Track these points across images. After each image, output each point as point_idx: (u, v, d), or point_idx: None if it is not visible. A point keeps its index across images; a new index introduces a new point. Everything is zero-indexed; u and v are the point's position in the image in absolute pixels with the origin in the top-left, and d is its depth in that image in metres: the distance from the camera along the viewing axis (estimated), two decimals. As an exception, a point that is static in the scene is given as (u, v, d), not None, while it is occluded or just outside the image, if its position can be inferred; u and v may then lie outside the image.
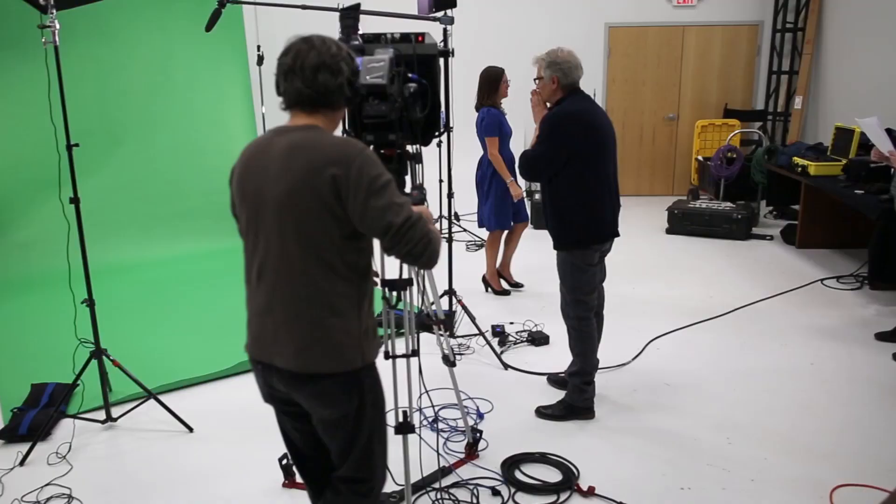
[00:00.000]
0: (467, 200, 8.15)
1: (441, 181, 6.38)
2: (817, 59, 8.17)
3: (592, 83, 8.68)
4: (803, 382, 4.08)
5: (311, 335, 2.02)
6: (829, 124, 7.82)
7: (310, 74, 1.98)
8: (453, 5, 4.08)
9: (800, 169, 6.37)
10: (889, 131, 6.41)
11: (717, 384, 4.06)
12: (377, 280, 2.50)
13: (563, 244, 3.53)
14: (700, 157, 8.25)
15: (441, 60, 2.86)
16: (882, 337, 4.62)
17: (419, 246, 1.97)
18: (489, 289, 5.62)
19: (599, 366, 3.75)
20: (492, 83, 5.24)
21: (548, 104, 3.54)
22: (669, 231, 7.24)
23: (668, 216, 7.24)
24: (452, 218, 7.08)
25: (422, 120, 2.54)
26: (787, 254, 6.51)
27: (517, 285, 5.65)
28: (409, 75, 2.54)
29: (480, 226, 5.59)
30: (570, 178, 3.41)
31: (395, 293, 2.69)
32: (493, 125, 5.18)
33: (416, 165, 2.76)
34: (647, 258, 6.46)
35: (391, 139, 2.49)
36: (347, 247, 2.01)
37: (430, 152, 3.84)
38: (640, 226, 7.56)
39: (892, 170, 5.50)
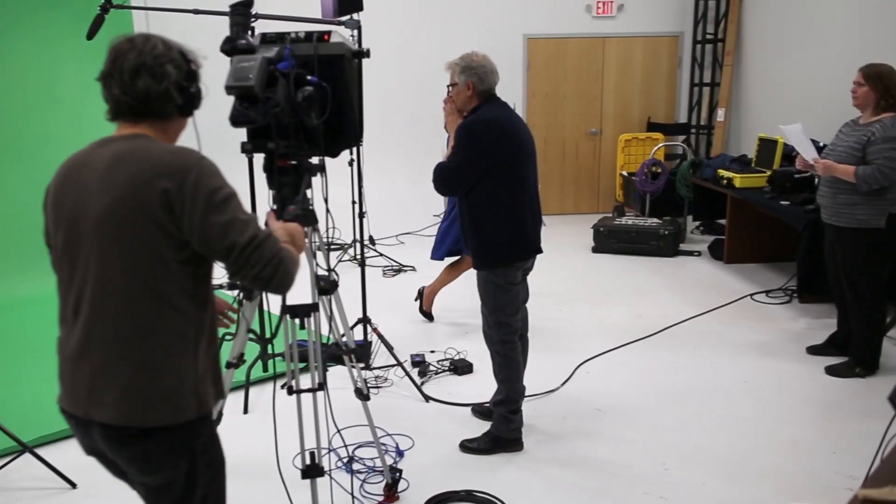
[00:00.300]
0: (384, 222, 8.05)
1: (354, 202, 6.26)
2: (738, 71, 8.51)
3: (512, 97, 8.72)
4: (738, 401, 4.14)
5: (135, 381, 1.81)
6: (753, 136, 8.12)
7: (128, 79, 1.82)
8: (359, 8, 4.01)
9: (725, 182, 6.57)
10: (813, 142, 6.72)
11: (650, 407, 4.07)
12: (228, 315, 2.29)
13: (484, 262, 3.47)
14: (625, 173, 8.44)
15: (354, 63, 2.76)
16: (814, 351, 4.75)
17: (268, 268, 1.80)
18: (419, 302, 5.54)
19: (526, 393, 3.70)
20: None
21: (463, 112, 3.50)
22: (596, 249, 7.33)
23: (593, 234, 7.34)
24: (367, 242, 6.97)
25: (320, 127, 2.43)
26: (716, 269, 6.68)
27: (429, 315, 5.58)
28: (308, 77, 2.44)
29: (442, 257, 5.41)
30: (488, 191, 3.36)
31: (297, 320, 2.57)
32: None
33: (322, 179, 2.66)
34: (573, 278, 6.51)
35: (270, 147, 2.38)
36: (183, 273, 1.84)
37: (338, 167, 3.73)
38: (564, 245, 7.63)
39: (816, 179, 5.72)
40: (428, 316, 5.50)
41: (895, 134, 4.07)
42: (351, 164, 6.12)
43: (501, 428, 3.61)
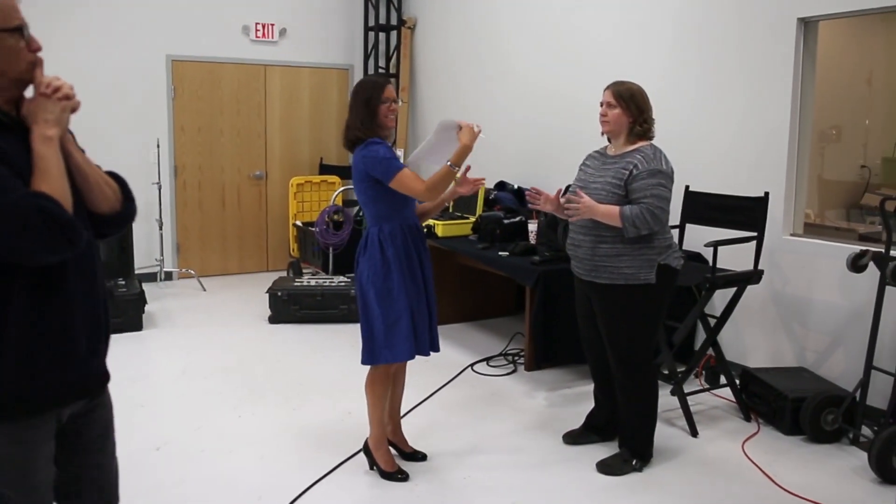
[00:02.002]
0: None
1: None
2: (414, 109, 7.60)
3: (155, 132, 6.85)
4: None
5: None
6: (437, 179, 7.22)
7: None
8: None
9: (425, 230, 5.42)
10: (520, 190, 5.93)
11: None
12: None
13: None
14: (299, 223, 6.98)
15: None
16: (571, 439, 3.70)
17: None
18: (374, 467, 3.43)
19: None
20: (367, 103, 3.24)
21: None
22: (274, 319, 5.73)
23: (269, 300, 5.73)
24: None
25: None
26: (420, 334, 5.49)
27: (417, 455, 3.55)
28: None
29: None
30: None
31: None
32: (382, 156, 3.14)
33: None
34: (248, 365, 4.82)
35: None
36: None
37: None
38: (232, 316, 5.91)
39: (534, 224, 4.81)
40: (394, 477, 3.36)
41: (660, 167, 3.17)
42: None
43: None
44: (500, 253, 4.72)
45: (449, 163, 3.08)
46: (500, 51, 6.30)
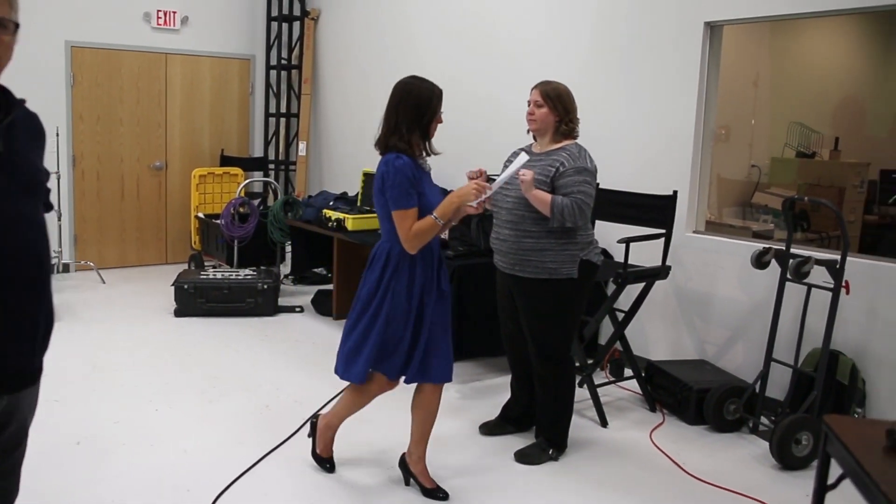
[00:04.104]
0: None
1: None
2: (317, 100, 7.25)
3: (54, 120, 6.23)
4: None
5: None
6: (341, 171, 6.92)
7: None
8: None
9: (334, 223, 5.14)
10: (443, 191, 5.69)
11: None
12: None
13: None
14: (201, 215, 6.52)
15: None
16: (488, 430, 3.58)
17: None
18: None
19: None
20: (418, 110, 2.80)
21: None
22: (180, 313, 5.30)
23: (175, 293, 5.29)
24: None
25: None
26: (328, 328, 5.20)
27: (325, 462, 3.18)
28: None
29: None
30: None
31: None
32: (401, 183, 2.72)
33: None
34: (157, 361, 4.41)
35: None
36: None
37: None
38: (138, 311, 5.44)
39: (476, 219, 4.61)
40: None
41: (585, 165, 3.07)
42: None
43: None
44: (413, 247, 4.49)
45: (434, 216, 2.69)
46: (408, 44, 6.07)
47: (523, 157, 2.81)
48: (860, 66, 6.64)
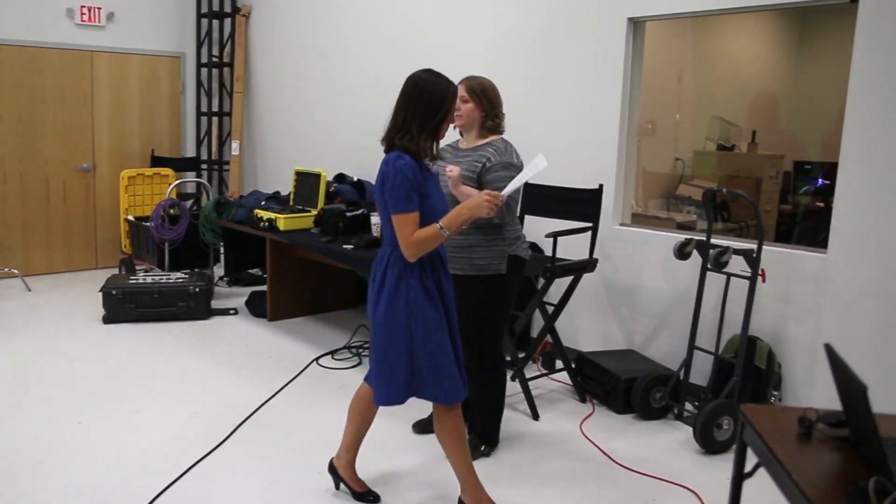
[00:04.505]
0: None
1: None
2: (250, 98, 7.04)
3: (-40, 119, 5.87)
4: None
5: None
6: (279, 170, 6.75)
7: None
8: None
9: (266, 224, 4.98)
10: (360, 182, 5.58)
11: None
12: None
13: None
14: (131, 217, 6.25)
15: None
16: (421, 428, 3.49)
17: None
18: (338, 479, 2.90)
19: None
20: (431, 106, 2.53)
21: None
22: (108, 319, 5.05)
23: (103, 299, 5.04)
24: None
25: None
26: (263, 331, 5.04)
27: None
28: None
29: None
30: None
31: None
32: (404, 184, 2.47)
33: None
34: (87, 369, 4.19)
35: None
36: None
37: None
38: (65, 319, 5.16)
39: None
40: (367, 498, 2.86)
41: (512, 160, 3.01)
42: None
43: None
44: (344, 246, 4.38)
45: (440, 225, 2.47)
46: (340, 41, 5.94)
47: (542, 162, 2.57)
48: (774, 63, 6.80)
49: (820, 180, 6.09)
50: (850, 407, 1.55)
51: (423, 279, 2.52)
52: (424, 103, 2.45)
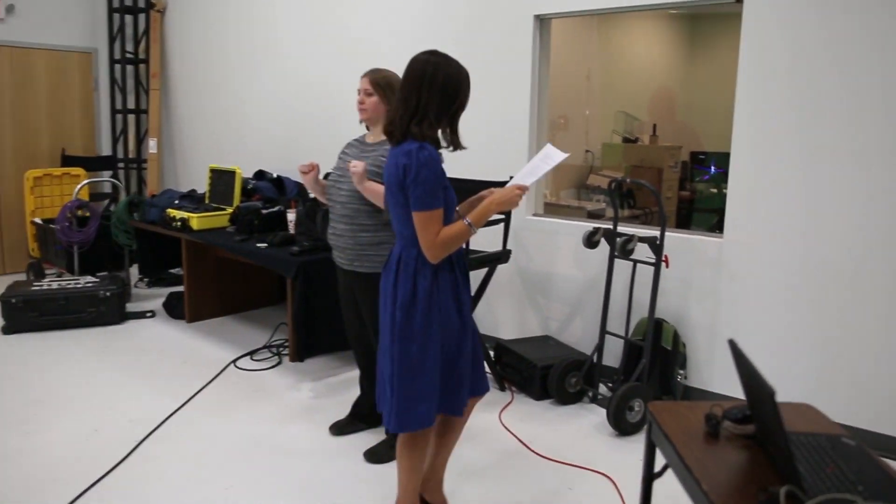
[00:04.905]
0: None
1: None
2: (167, 95, 6.60)
3: None
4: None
5: None
6: (196, 168, 6.36)
7: None
8: None
9: (179, 223, 4.63)
10: (280, 179, 5.26)
11: None
12: None
13: None
14: (38, 220, 5.75)
15: None
16: (339, 429, 3.25)
17: None
18: None
19: None
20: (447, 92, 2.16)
21: None
22: (9, 329, 4.60)
23: (2, 308, 4.57)
24: None
25: None
26: (180, 333, 4.70)
27: None
28: None
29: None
30: None
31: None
32: (435, 179, 2.10)
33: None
34: (-26, 382, 3.77)
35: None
36: None
37: None
38: (-41, 326, 4.68)
39: (297, 210, 4.25)
40: None
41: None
42: None
43: None
44: (258, 244, 4.09)
45: (467, 221, 2.14)
46: (258, 37, 5.60)
47: (557, 155, 2.30)
48: (669, 62, 6.87)
49: (713, 168, 6.18)
50: (757, 409, 1.43)
51: (452, 283, 2.19)
52: (440, 89, 2.08)
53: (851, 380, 3.16)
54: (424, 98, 2.08)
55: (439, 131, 2.13)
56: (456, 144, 2.17)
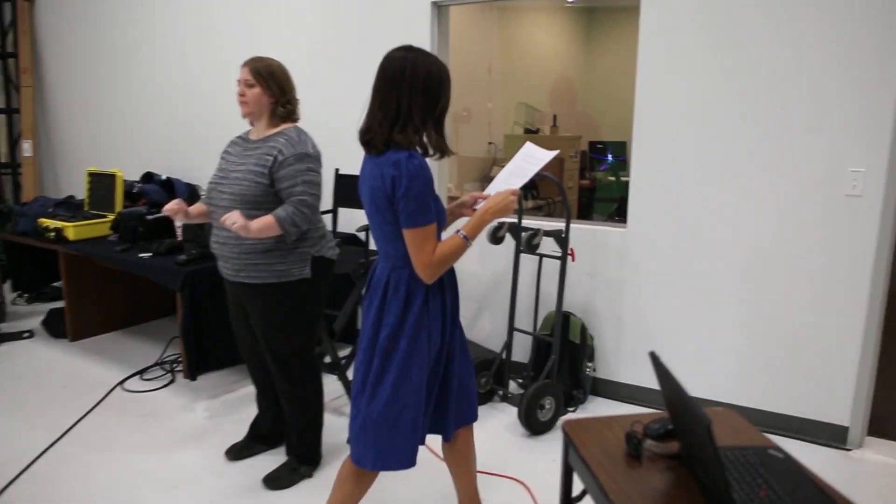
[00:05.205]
0: None
1: None
2: (42, 93, 5.92)
3: None
4: None
5: None
6: (78, 172, 5.74)
7: None
8: None
9: (53, 234, 4.09)
10: (169, 181, 4.76)
11: None
12: None
13: None
14: None
15: None
16: (235, 454, 2.90)
17: None
18: None
19: None
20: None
21: None
22: None
23: None
24: None
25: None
26: (61, 354, 4.15)
27: None
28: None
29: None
30: None
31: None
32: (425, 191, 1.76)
33: None
34: None
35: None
36: None
37: None
38: None
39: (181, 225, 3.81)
40: None
41: (306, 150, 2.46)
42: None
43: None
44: (141, 255, 3.64)
45: (462, 234, 1.85)
46: (138, 29, 5.06)
47: (542, 153, 2.08)
48: (567, 54, 6.81)
49: (609, 157, 6.16)
50: (683, 430, 1.24)
51: (441, 306, 1.93)
52: (422, 90, 1.77)
53: (751, 361, 3.11)
54: (406, 100, 1.76)
55: (425, 136, 1.81)
56: (444, 150, 1.85)
